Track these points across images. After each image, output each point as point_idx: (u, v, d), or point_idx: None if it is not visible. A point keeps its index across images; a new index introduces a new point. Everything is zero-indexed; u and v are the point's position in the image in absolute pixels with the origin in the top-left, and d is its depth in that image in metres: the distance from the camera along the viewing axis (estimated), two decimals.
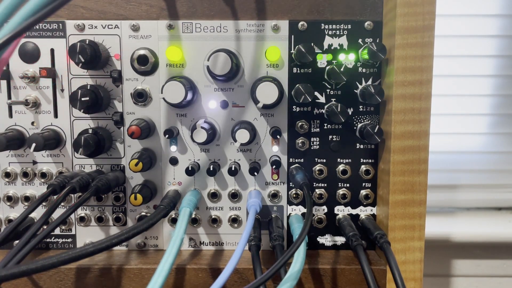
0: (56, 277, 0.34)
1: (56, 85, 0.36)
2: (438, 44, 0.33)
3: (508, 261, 0.81)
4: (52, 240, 0.37)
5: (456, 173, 0.83)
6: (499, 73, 0.80)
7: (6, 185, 0.36)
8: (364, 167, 0.36)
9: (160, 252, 0.37)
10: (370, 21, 0.34)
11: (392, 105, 0.33)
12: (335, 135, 0.36)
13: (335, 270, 0.34)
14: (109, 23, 0.35)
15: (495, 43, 0.79)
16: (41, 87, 0.36)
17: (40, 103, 0.36)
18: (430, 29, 0.32)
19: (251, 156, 0.36)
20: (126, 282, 0.34)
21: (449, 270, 0.82)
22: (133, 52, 0.35)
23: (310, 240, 0.37)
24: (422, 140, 0.33)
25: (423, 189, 0.33)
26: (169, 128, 0.34)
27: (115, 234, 0.24)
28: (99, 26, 0.35)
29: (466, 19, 0.79)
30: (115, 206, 0.37)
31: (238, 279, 0.34)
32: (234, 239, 0.37)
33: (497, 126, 0.82)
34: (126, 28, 0.35)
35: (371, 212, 0.37)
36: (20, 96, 0.36)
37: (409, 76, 0.32)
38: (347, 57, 0.35)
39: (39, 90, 0.36)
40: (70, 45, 0.32)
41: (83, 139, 0.33)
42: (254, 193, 0.35)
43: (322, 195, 0.36)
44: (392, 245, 0.33)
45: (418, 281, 0.34)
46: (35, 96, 0.35)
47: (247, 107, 0.35)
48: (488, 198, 0.83)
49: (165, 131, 0.34)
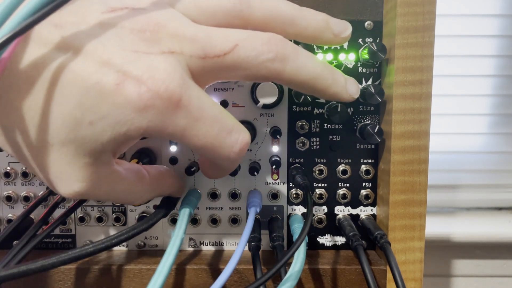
0: (56, 277, 0.34)
1: None
2: (438, 44, 0.33)
3: (508, 261, 0.81)
4: (52, 240, 0.37)
5: (456, 173, 0.83)
6: (499, 73, 0.80)
7: (6, 185, 0.36)
8: (364, 167, 0.36)
9: (160, 252, 0.37)
10: (370, 21, 0.34)
11: (392, 105, 0.33)
12: (335, 135, 0.36)
13: (335, 270, 0.34)
14: None
15: (495, 43, 0.79)
16: None
17: None
18: (430, 29, 0.32)
19: (251, 156, 0.36)
20: (126, 282, 0.34)
21: (449, 270, 0.82)
22: None
23: (310, 240, 0.37)
24: (422, 140, 0.33)
25: (423, 189, 0.33)
26: None
27: (115, 234, 0.24)
28: None
29: (466, 19, 0.79)
30: (115, 206, 0.37)
31: (238, 279, 0.34)
32: (234, 239, 0.37)
33: (497, 126, 0.82)
34: None
35: (371, 212, 0.37)
36: None
37: (409, 76, 0.32)
38: (347, 57, 0.35)
39: None
40: None
41: None
42: (254, 193, 0.35)
43: (322, 195, 0.36)
44: (392, 245, 0.33)
45: (418, 281, 0.34)
46: None
47: (247, 107, 0.35)
48: (488, 198, 0.83)
49: None
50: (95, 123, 0.21)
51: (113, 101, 0.20)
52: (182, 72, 0.22)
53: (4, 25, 0.19)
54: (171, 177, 0.30)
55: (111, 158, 0.23)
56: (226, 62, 0.23)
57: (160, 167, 0.30)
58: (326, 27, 0.26)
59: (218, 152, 0.24)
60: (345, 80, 0.27)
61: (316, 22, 0.26)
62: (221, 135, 0.23)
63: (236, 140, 0.24)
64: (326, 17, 0.27)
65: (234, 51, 0.23)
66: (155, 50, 0.21)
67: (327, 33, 0.26)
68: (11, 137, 0.22)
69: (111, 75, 0.20)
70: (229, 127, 0.23)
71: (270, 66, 0.24)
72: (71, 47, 0.20)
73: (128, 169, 0.26)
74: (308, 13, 0.26)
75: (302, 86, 0.26)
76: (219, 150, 0.23)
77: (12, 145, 0.22)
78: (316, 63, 0.25)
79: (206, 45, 0.22)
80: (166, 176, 0.29)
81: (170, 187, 0.30)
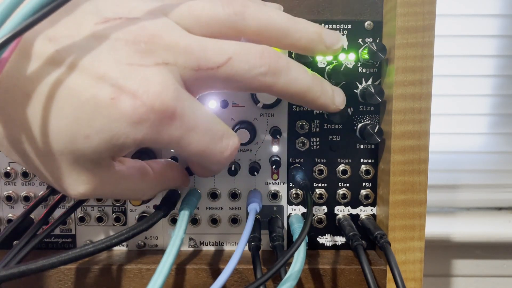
0: (56, 277, 0.34)
1: None
2: (438, 44, 0.33)
3: (508, 261, 0.81)
4: (52, 240, 0.37)
5: (456, 173, 0.83)
6: (499, 73, 0.80)
7: (6, 185, 0.36)
8: (364, 167, 0.36)
9: (160, 252, 0.37)
10: (370, 21, 0.34)
11: (392, 105, 0.33)
12: (335, 135, 0.36)
13: (335, 270, 0.34)
14: None
15: (495, 43, 0.80)
16: None
17: None
18: (430, 29, 0.32)
19: (251, 156, 0.36)
20: (126, 282, 0.34)
21: (449, 270, 0.82)
22: None
23: (310, 240, 0.37)
24: (422, 140, 0.33)
25: (423, 189, 0.33)
26: None
27: (115, 234, 0.24)
28: None
29: (466, 19, 0.79)
30: (115, 206, 0.37)
31: (238, 279, 0.34)
32: (234, 239, 0.37)
33: (497, 126, 0.82)
34: None
35: (371, 212, 0.37)
36: None
37: (409, 76, 0.32)
38: (347, 57, 0.35)
39: None
40: None
41: None
42: (254, 193, 0.35)
43: (322, 195, 0.36)
44: (392, 245, 0.33)
45: (418, 281, 0.34)
46: None
47: (247, 107, 0.35)
48: (488, 198, 0.83)
49: None
50: (91, 137, 0.21)
51: (109, 115, 0.21)
52: (176, 83, 0.22)
53: (4, 25, 0.19)
54: (175, 171, 0.30)
55: (111, 162, 0.24)
56: (219, 75, 0.23)
57: (164, 161, 0.30)
58: (318, 39, 0.27)
59: (209, 157, 0.24)
60: (332, 92, 0.28)
61: (309, 34, 0.26)
62: (213, 142, 0.24)
63: (227, 145, 0.25)
64: (319, 28, 0.27)
65: (227, 64, 0.23)
66: (149, 62, 0.22)
67: (319, 45, 0.27)
68: (15, 147, 0.22)
69: (106, 89, 0.20)
70: (220, 134, 0.24)
71: (262, 79, 0.24)
72: (66, 61, 0.20)
73: (132, 167, 0.26)
74: (301, 24, 0.26)
75: (292, 98, 0.26)
76: (211, 156, 0.24)
77: (18, 153, 0.23)
78: (306, 76, 0.26)
79: (200, 58, 0.23)
80: (170, 170, 0.30)
81: (175, 181, 0.30)
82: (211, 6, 0.24)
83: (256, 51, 0.24)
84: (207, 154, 0.24)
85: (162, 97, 0.21)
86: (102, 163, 0.23)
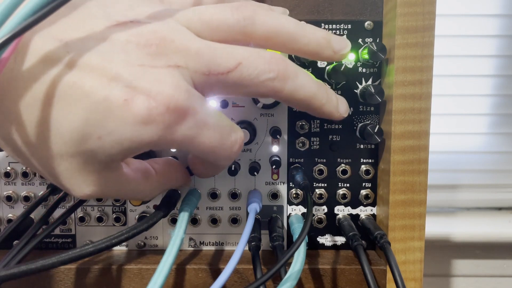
0: (56, 277, 0.34)
1: None
2: (438, 44, 0.33)
3: (508, 261, 0.81)
4: (52, 240, 0.37)
5: (456, 173, 0.83)
6: (499, 73, 0.80)
7: (6, 185, 0.36)
8: (364, 167, 0.36)
9: (160, 252, 0.37)
10: (370, 21, 0.34)
11: (392, 105, 0.33)
12: (335, 135, 0.36)
13: (335, 270, 0.34)
14: None
15: (495, 43, 0.80)
16: None
17: None
18: (430, 29, 0.32)
19: (251, 156, 0.36)
20: (126, 282, 0.34)
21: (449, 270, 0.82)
22: None
23: (310, 240, 0.37)
24: (422, 140, 0.33)
25: (423, 189, 0.33)
26: None
27: (115, 234, 0.24)
28: None
29: (466, 19, 0.79)
30: (115, 206, 0.37)
31: (238, 279, 0.34)
32: (234, 239, 0.37)
33: (497, 126, 0.82)
34: None
35: (371, 212, 0.37)
36: None
37: (409, 76, 0.32)
38: (347, 57, 0.35)
39: None
40: None
41: None
42: (254, 193, 0.35)
43: (322, 195, 0.36)
44: (392, 245, 0.33)
45: (418, 281, 0.34)
46: None
47: (247, 107, 0.35)
48: (488, 198, 0.83)
49: None
50: (103, 138, 0.21)
51: (122, 116, 0.20)
52: (187, 85, 0.22)
53: (4, 25, 0.19)
54: (177, 171, 0.30)
55: (119, 164, 0.24)
56: (229, 80, 0.23)
57: (165, 160, 0.30)
58: (326, 44, 0.27)
59: (220, 153, 0.25)
60: (337, 100, 0.28)
61: (317, 40, 0.26)
62: (224, 138, 0.24)
63: (236, 140, 0.25)
64: (327, 34, 0.27)
65: (237, 69, 0.23)
66: (161, 64, 0.22)
67: (327, 50, 0.27)
68: (18, 150, 0.22)
69: (119, 90, 0.20)
70: (228, 129, 0.25)
71: (270, 85, 0.24)
72: (77, 63, 0.20)
73: (136, 169, 0.26)
74: (309, 30, 0.26)
75: (298, 104, 0.27)
76: (222, 151, 0.25)
77: (20, 158, 0.23)
78: (313, 83, 0.26)
79: (210, 62, 0.23)
80: (173, 170, 0.30)
81: (177, 181, 0.30)
82: (220, 11, 0.24)
83: (265, 57, 0.24)
84: (219, 150, 0.24)
85: (176, 97, 0.21)
86: (111, 165, 0.23)
